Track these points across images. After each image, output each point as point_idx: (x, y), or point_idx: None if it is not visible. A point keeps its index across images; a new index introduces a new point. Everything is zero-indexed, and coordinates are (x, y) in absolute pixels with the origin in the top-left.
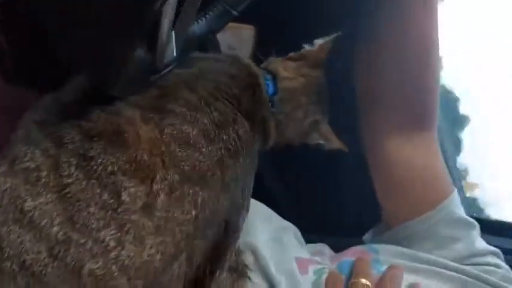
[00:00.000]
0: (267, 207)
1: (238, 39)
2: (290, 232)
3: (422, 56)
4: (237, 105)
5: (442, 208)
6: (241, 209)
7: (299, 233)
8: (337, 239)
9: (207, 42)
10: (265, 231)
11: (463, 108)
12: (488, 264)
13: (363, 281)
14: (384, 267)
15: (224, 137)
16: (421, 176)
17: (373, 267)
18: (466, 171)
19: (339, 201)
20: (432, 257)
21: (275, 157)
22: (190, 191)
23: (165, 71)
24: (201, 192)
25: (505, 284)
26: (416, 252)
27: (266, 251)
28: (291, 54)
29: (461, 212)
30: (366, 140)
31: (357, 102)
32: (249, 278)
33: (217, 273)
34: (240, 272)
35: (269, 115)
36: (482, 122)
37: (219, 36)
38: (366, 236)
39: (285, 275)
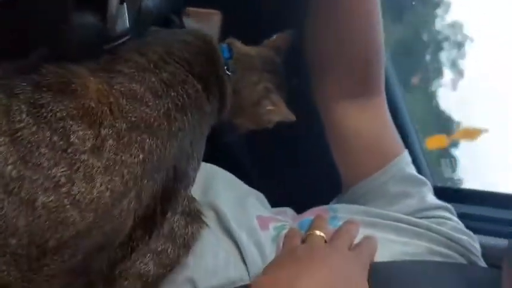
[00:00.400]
0: (230, 174)
1: (205, 24)
2: (253, 195)
3: (364, 19)
4: (189, 68)
5: (393, 165)
6: (190, 159)
7: (264, 198)
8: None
9: (172, 25)
10: (228, 194)
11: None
12: (439, 217)
13: (318, 232)
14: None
15: (172, 94)
16: (371, 138)
17: (331, 223)
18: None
19: (308, 175)
20: (387, 212)
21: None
22: (138, 138)
23: (120, 41)
24: (148, 140)
25: (456, 234)
26: (373, 208)
27: (227, 210)
28: None
29: (412, 170)
30: (319, 108)
31: (309, 70)
32: (206, 224)
33: (169, 214)
34: (193, 216)
35: (224, 76)
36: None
37: (187, 21)
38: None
39: (246, 231)
